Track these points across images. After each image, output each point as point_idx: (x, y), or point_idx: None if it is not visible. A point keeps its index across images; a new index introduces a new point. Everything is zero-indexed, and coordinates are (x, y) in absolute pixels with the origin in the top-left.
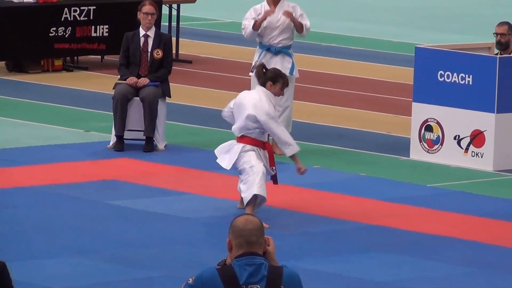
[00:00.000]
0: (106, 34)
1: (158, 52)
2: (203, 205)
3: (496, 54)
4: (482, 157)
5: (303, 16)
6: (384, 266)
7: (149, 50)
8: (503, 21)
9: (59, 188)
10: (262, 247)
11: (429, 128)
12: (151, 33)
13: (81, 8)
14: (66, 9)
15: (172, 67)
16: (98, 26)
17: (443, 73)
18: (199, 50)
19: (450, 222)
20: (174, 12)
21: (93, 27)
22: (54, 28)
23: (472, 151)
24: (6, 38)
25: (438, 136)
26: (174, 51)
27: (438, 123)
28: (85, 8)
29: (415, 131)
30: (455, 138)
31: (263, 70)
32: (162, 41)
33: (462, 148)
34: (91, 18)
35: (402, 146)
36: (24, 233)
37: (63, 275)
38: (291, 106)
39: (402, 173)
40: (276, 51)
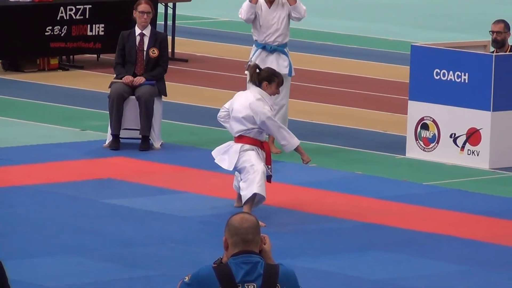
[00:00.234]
0: (102, 33)
1: (154, 51)
2: (200, 204)
3: (492, 52)
4: (478, 155)
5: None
6: (381, 264)
7: (145, 49)
8: (499, 19)
9: (55, 187)
10: (258, 246)
11: (425, 126)
12: (147, 32)
13: (77, 7)
14: (62, 8)
15: (168, 66)
16: (94, 25)
17: (439, 71)
18: (195, 49)
19: (447, 220)
20: (170, 11)
21: (89, 26)
22: (50, 27)
23: (468, 149)
24: (2, 37)
25: (434, 134)
26: (170, 50)
27: (434, 121)
28: (81, 7)
29: (411, 129)
30: (451, 136)
31: (257, 71)
32: (158, 40)
33: (458, 146)
34: (87, 17)
35: (398, 145)
36: (20, 232)
37: (60, 274)
38: (287, 105)
39: (398, 171)
40: (272, 50)
